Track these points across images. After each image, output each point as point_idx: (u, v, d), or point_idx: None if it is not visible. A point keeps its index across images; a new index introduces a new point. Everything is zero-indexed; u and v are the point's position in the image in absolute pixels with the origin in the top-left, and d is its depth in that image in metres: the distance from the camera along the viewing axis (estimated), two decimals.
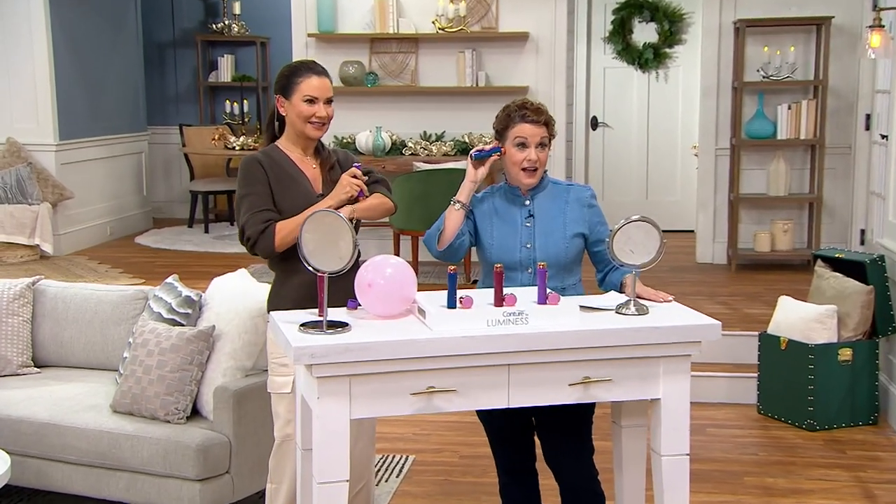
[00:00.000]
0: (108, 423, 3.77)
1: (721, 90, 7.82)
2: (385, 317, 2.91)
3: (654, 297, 3.11)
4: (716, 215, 7.94)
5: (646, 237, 2.97)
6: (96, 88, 9.34)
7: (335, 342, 2.68)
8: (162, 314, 4.00)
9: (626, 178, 9.81)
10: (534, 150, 3.24)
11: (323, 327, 2.78)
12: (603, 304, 3.02)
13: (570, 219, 3.29)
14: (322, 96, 3.26)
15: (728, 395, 5.53)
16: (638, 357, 2.87)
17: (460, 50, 7.97)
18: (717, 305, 6.50)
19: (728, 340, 5.69)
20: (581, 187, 3.41)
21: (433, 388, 2.76)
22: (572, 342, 2.80)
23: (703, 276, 7.54)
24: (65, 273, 7.65)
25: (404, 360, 2.72)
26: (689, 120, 9.37)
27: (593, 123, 9.77)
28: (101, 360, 4.36)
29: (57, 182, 8.52)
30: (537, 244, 3.25)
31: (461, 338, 2.74)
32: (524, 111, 3.24)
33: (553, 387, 2.84)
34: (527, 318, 2.82)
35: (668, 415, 2.92)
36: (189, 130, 10.16)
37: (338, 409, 2.71)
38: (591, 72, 9.69)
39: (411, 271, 2.95)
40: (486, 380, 2.80)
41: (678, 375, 2.91)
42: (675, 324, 2.89)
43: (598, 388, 2.86)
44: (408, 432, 5.00)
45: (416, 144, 7.89)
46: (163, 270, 7.82)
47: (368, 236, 8.02)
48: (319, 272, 2.80)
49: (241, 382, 3.77)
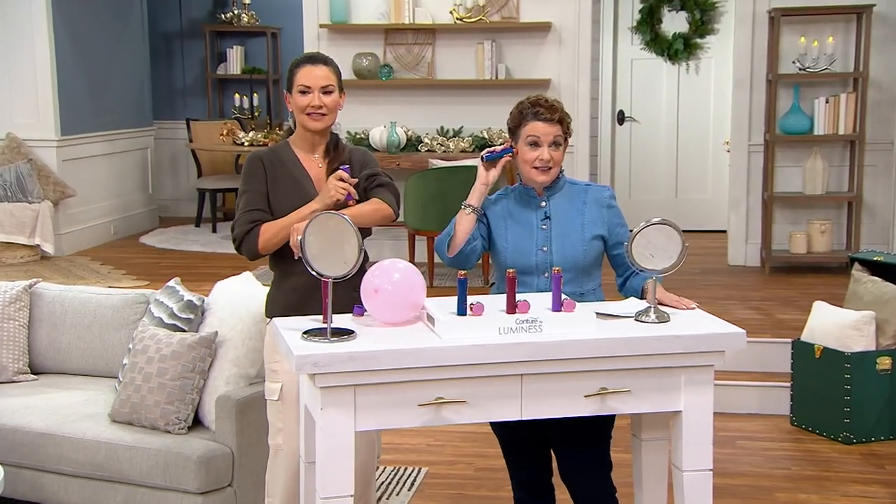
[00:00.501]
0: (106, 433, 3.79)
1: (754, 83, 7.80)
2: (392, 324, 2.92)
3: (676, 304, 3.11)
4: (748, 215, 7.91)
5: (667, 241, 2.96)
6: (100, 81, 9.41)
7: (339, 350, 2.69)
8: (163, 319, 4.02)
9: (654, 175, 9.78)
10: (546, 149, 3.24)
11: (327, 335, 2.79)
12: (621, 311, 3.02)
13: (589, 220, 3.29)
14: (315, 85, 3.27)
15: (759, 405, 5.51)
16: (658, 367, 2.86)
17: (479, 41, 7.97)
18: (748, 310, 6.48)
19: (760, 348, 5.68)
20: (600, 187, 3.40)
21: (442, 400, 2.76)
22: (588, 351, 2.80)
23: (735, 279, 7.52)
24: (66, 274, 7.71)
25: (412, 370, 2.73)
26: (721, 114, 9.33)
27: (620, 118, 9.75)
28: (101, 366, 4.39)
29: (58, 179, 8.59)
30: (554, 247, 3.25)
31: (471, 346, 2.75)
32: (537, 108, 3.24)
33: (568, 398, 2.84)
34: (540, 326, 2.82)
35: (689, 428, 2.91)
36: (196, 125, 10.21)
37: (342, 420, 2.72)
38: (617, 64, 9.67)
39: (420, 276, 2.96)
40: (498, 391, 2.80)
41: (701, 387, 2.90)
42: (697, 332, 2.88)
43: (616, 399, 2.85)
44: (421, 443, 5.00)
45: (433, 140, 7.90)
46: (168, 272, 7.87)
47: (382, 237, 8.03)
48: (323, 277, 2.82)
49: (244, 391, 3.79)
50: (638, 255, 2.96)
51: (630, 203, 9.76)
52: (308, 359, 2.67)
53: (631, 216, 10.39)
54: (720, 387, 5.35)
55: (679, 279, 7.40)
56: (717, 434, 5.04)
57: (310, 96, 3.27)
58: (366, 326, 2.90)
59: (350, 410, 2.72)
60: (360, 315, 3.00)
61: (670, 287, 3.18)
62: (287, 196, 3.26)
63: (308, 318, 2.98)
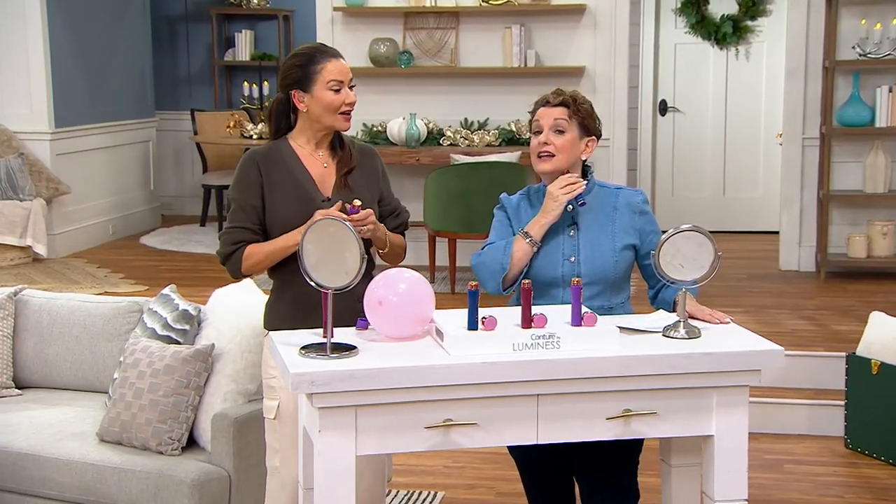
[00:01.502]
0: (94, 453, 3.83)
1: (810, 70, 7.76)
2: (398, 338, 2.94)
3: (708, 318, 3.11)
4: (802, 215, 7.87)
5: (697, 250, 2.96)
6: (97, 69, 9.48)
7: (339, 368, 2.71)
8: (156, 330, 4.06)
9: (699, 171, 9.75)
10: (547, 133, 3.26)
11: (326, 350, 2.81)
12: (647, 325, 3.02)
13: (620, 227, 3.30)
14: (346, 80, 3.29)
15: (810, 425, 5.48)
16: (687, 388, 2.87)
17: (507, 25, 7.97)
18: (800, 320, 6.45)
19: (811, 362, 5.66)
20: (632, 191, 3.41)
21: (451, 422, 2.78)
22: (610, 370, 2.81)
23: (787, 285, 7.48)
24: (59, 278, 7.79)
25: (418, 390, 2.75)
26: (774, 104, 9.30)
27: (662, 108, 9.72)
28: (91, 380, 4.43)
29: (52, 175, 8.67)
30: (582, 258, 3.25)
31: (482, 364, 2.76)
32: (546, 95, 3.31)
33: (588, 421, 2.85)
34: (558, 342, 2.83)
35: (722, 454, 2.91)
36: (202, 116, 10.28)
37: (342, 444, 2.74)
38: (659, 49, 9.65)
39: (428, 286, 2.98)
40: (512, 412, 2.81)
41: (734, 409, 2.90)
42: (730, 349, 2.89)
43: (641, 422, 2.86)
44: (437, 465, 5.02)
45: (456, 133, 7.91)
46: (169, 276, 7.92)
47: None
48: (323, 288, 2.84)
49: (242, 408, 3.82)
50: (666, 265, 2.97)
51: (673, 202, 9.74)
52: (305, 377, 2.69)
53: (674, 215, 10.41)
54: (766, 405, 5.41)
55: (724, 286, 7.46)
56: (762, 457, 5.08)
57: (343, 93, 3.28)
58: (369, 341, 2.92)
59: (351, 433, 2.74)
60: (363, 328, 3.02)
61: (712, 295, 3.18)
62: (287, 199, 3.27)
63: (307, 332, 3.00)
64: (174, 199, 11.06)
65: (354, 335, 2.98)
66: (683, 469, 3.16)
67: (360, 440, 2.75)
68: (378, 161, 3.47)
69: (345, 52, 8.20)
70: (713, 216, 9.65)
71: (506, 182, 6.44)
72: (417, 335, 2.96)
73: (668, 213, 9.67)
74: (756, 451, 5.11)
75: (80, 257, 8.77)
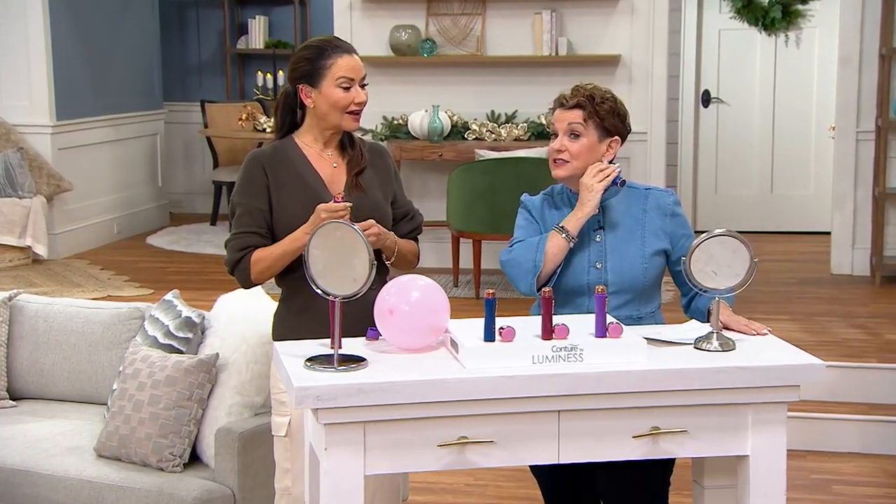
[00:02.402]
0: (90, 470, 3.85)
1: (865, 58, 7.73)
2: (410, 350, 2.96)
3: (744, 329, 3.11)
4: (856, 215, 7.84)
5: (732, 256, 2.96)
6: (102, 58, 9.55)
7: (346, 382, 2.73)
8: (157, 339, 4.09)
9: (745, 166, 9.73)
10: (561, 138, 3.27)
11: (334, 363, 2.82)
12: (678, 336, 3.02)
13: (650, 231, 3.30)
14: (357, 77, 3.31)
15: (861, 443, 5.45)
16: (720, 404, 2.87)
17: (536, 11, 7.97)
18: (852, 329, 6.42)
19: (863, 374, 5.64)
20: (662, 191, 3.41)
21: (466, 439, 2.79)
22: (637, 385, 2.81)
23: (839, 290, 7.45)
24: (60, 281, 7.86)
25: (430, 405, 2.76)
26: (827, 95, 9.24)
27: (705, 100, 9.70)
28: (89, 391, 4.46)
29: (53, 171, 8.73)
30: (609, 265, 3.26)
31: (499, 378, 2.77)
32: (562, 95, 3.31)
33: (613, 439, 2.85)
34: (581, 354, 2.83)
35: (758, 476, 2.91)
36: (212, 108, 10.34)
37: (350, 462, 2.75)
38: (702, 35, 9.62)
39: (443, 295, 2.99)
40: (531, 430, 2.82)
41: (771, 427, 2.90)
42: (766, 363, 2.88)
43: (670, 441, 2.86)
44: (458, 482, 5.03)
45: (482, 127, 7.92)
46: (176, 279, 7.99)
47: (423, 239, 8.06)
48: (330, 296, 2.85)
49: (248, 423, 3.84)
50: (698, 272, 2.96)
51: (716, 200, 9.71)
52: (310, 391, 2.71)
53: (717, 215, 10.39)
54: (813, 420, 5.39)
55: (771, 291, 7.44)
56: (809, 477, 5.06)
57: (353, 92, 3.29)
58: (379, 353, 2.94)
59: (359, 451, 2.76)
60: (374, 339, 3.03)
61: (757, 301, 3.18)
62: (295, 201, 3.29)
63: (314, 343, 3.02)
64: (183, 196, 11.14)
65: (364, 346, 2.99)
66: (717, 491, 3.14)
67: (369, 458, 2.77)
68: (390, 160, 3.49)
69: (364, 40, 8.31)
70: (760, 215, 9.63)
71: (534, 179, 6.43)
72: (431, 346, 2.98)
73: (711, 212, 9.65)
74: (802, 470, 5.11)
75: (83, 258, 8.84)
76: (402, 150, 7.82)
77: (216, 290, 4.53)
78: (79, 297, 7.13)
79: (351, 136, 3.43)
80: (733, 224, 9.59)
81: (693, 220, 9.61)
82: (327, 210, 3.14)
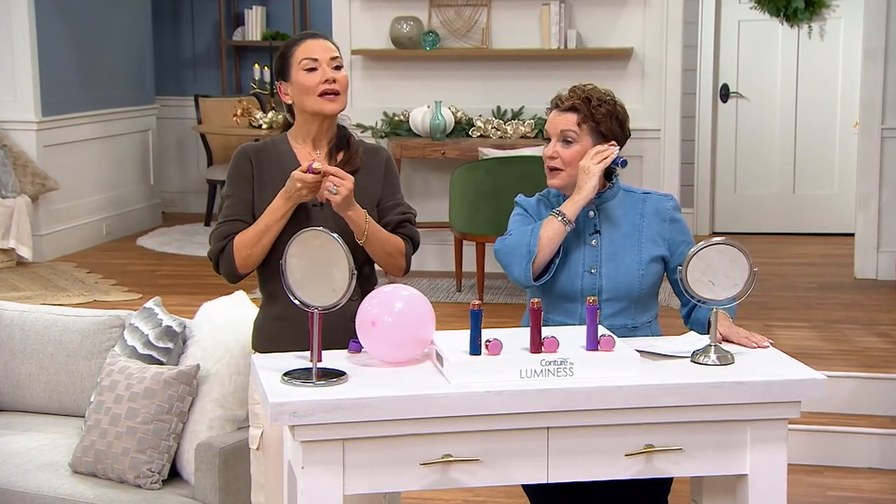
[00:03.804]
0: (65, 486, 3.87)
1: (890, 51, 7.71)
2: (393, 363, 2.97)
3: (744, 342, 3.12)
4: (881, 216, 7.82)
5: (730, 265, 2.97)
6: (90, 50, 9.57)
7: (323, 398, 2.74)
8: (136, 349, 4.11)
9: (766, 164, 9.71)
10: (554, 144, 3.28)
11: (313, 377, 2.84)
12: (674, 349, 3.03)
13: (647, 237, 3.31)
14: (323, 57, 3.32)
15: (881, 458, 5.45)
16: (717, 421, 2.88)
17: (544, 2, 7.97)
18: (873, 337, 6.41)
19: (885, 386, 5.63)
20: (661, 196, 3.42)
21: (450, 458, 2.81)
22: (630, 400, 2.82)
23: (861, 296, 7.43)
24: (44, 284, 7.89)
25: (413, 422, 2.78)
26: (852, 89, 9.20)
27: (723, 94, 9.68)
28: (67, 403, 4.48)
29: (38, 169, 8.76)
30: (604, 270, 3.28)
31: (486, 393, 2.78)
32: (559, 95, 3.31)
33: (605, 458, 2.86)
34: (571, 369, 2.84)
35: (757, 496, 2.91)
36: (207, 103, 10.36)
37: (328, 482, 2.77)
38: (720, 27, 9.61)
39: (428, 306, 3.00)
40: (519, 447, 2.83)
41: (770, 445, 2.90)
42: (766, 378, 2.89)
43: (664, 460, 2.87)
44: (455, 498, 5.04)
45: (487, 124, 7.93)
46: (166, 282, 8.02)
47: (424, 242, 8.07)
48: (308, 308, 2.87)
49: (230, 437, 3.85)
50: (695, 282, 2.98)
51: (735, 200, 9.70)
52: (285, 407, 2.72)
53: (736, 215, 10.37)
54: (831, 434, 5.39)
55: (791, 296, 7.43)
56: (825, 493, 5.06)
57: (318, 72, 3.31)
58: (361, 366, 2.95)
59: (338, 470, 2.77)
60: (356, 352, 3.05)
61: (775, 307, 3.20)
62: None
63: (293, 356, 3.04)
64: (176, 194, 11.16)
65: (346, 359, 3.01)
66: None
67: (349, 478, 2.78)
68: (383, 157, 3.47)
69: (363, 32, 8.32)
70: (781, 216, 9.61)
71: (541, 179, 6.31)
72: (416, 359, 2.99)
73: (730, 212, 9.64)
74: (818, 486, 5.12)
75: (70, 261, 8.86)
76: (403, 148, 7.83)
77: (209, 295, 4.51)
78: (63, 301, 7.16)
79: (349, 139, 3.44)
80: (753, 225, 9.63)
81: (710, 221, 9.61)
82: (301, 179, 3.17)
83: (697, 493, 3.19)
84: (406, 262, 3.40)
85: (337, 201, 3.16)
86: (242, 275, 3.33)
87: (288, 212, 3.23)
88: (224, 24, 11.10)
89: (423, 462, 2.80)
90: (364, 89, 8.21)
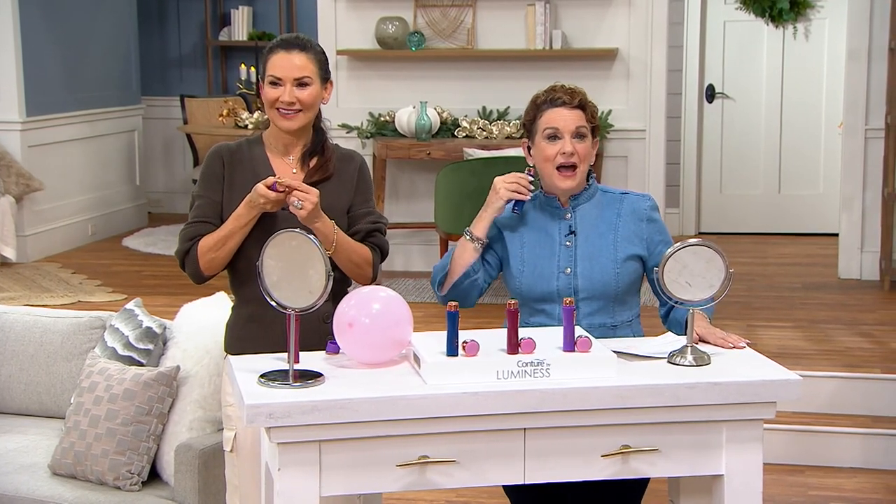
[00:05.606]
0: (44, 488, 3.87)
1: (874, 52, 7.73)
2: (370, 364, 2.98)
3: (721, 343, 3.13)
4: (864, 216, 7.84)
5: (706, 266, 2.98)
6: (75, 49, 9.56)
7: (300, 399, 2.75)
8: (116, 350, 4.11)
9: (752, 165, 9.74)
10: (569, 140, 3.28)
11: (289, 378, 2.84)
12: (651, 350, 3.04)
13: (623, 236, 3.33)
14: (287, 76, 3.31)
15: (864, 458, 5.46)
16: (693, 421, 2.89)
17: (530, 2, 7.98)
18: (856, 337, 6.42)
19: (866, 385, 5.65)
20: (639, 196, 3.43)
21: (427, 459, 2.81)
22: (606, 401, 2.83)
23: (845, 296, 7.45)
24: (28, 285, 7.87)
25: (389, 423, 2.78)
26: (838, 90, 9.22)
27: (709, 94, 9.70)
28: (47, 405, 4.47)
29: (22, 170, 8.74)
30: (579, 270, 3.29)
31: (462, 394, 2.79)
32: (553, 94, 3.30)
33: (582, 458, 2.87)
34: (548, 370, 2.85)
35: (733, 496, 2.93)
36: (192, 103, 10.35)
37: (304, 483, 2.78)
38: (705, 27, 9.63)
39: (405, 307, 3.01)
40: (496, 448, 2.84)
41: (746, 445, 2.91)
42: (741, 378, 2.90)
43: (641, 460, 2.88)
44: (438, 499, 5.05)
45: (472, 124, 7.93)
46: (151, 282, 8.01)
47: (410, 241, 8.10)
48: (285, 309, 2.87)
49: (209, 439, 3.85)
50: (671, 282, 2.99)
51: (721, 200, 9.73)
52: (261, 409, 2.73)
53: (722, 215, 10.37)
54: (813, 433, 5.40)
55: (775, 296, 7.44)
56: (807, 493, 5.07)
57: (280, 89, 3.31)
58: (338, 367, 2.96)
59: (314, 471, 2.78)
60: (334, 353, 3.06)
61: (759, 307, 3.20)
62: None
63: (270, 357, 3.04)
64: (162, 195, 11.15)
65: (323, 360, 3.01)
66: None
67: (325, 479, 2.79)
68: (356, 164, 3.46)
69: (349, 32, 8.33)
70: (767, 216, 9.64)
71: None
72: (393, 361, 3.00)
73: (716, 212, 9.66)
74: (800, 486, 5.12)
75: (54, 261, 8.85)
76: (388, 149, 7.83)
77: (194, 296, 4.51)
78: (48, 302, 7.15)
79: (324, 145, 3.43)
80: (739, 225, 9.65)
81: (696, 221, 9.63)
82: (263, 195, 3.17)
83: (675, 493, 3.20)
84: (373, 272, 3.39)
85: (302, 216, 3.17)
86: (208, 276, 3.35)
87: (252, 220, 3.24)
88: (210, 24, 11.09)
89: (400, 463, 2.81)
90: (349, 90, 8.21)
